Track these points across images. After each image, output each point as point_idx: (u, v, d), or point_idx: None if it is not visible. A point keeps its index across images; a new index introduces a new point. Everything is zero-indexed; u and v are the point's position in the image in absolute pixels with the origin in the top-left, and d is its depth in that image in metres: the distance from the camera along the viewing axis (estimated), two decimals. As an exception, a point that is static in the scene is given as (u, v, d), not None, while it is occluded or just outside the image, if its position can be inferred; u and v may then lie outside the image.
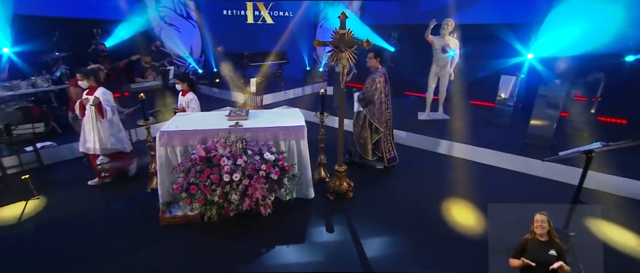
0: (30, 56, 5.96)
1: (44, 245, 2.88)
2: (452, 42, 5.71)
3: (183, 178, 2.94)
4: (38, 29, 6.17)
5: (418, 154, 5.08)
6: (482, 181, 4.13)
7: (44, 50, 6.09)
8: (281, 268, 2.63)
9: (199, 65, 9.03)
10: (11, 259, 2.69)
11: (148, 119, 3.41)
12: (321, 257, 2.75)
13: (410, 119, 6.15)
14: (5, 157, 4.05)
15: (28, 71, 5.70)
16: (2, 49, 5.74)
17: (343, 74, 3.27)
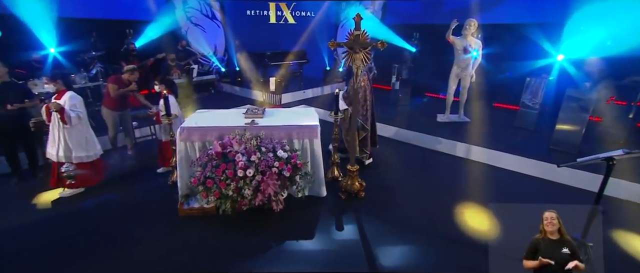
0: (71, 55, 6.45)
1: (75, 228, 3.12)
2: (474, 43, 5.56)
3: (200, 172, 3.09)
4: (78, 30, 6.65)
5: (435, 156, 4.99)
6: (499, 186, 4.01)
7: (83, 49, 6.56)
8: (289, 262, 2.70)
9: (222, 64, 9.34)
10: (47, 239, 2.95)
11: (171, 115, 3.60)
12: (329, 255, 2.80)
13: (428, 121, 6.06)
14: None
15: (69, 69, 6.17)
16: (49, 48, 6.25)
17: (356, 74, 3.29)
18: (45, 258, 2.70)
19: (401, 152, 5.20)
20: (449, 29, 5.58)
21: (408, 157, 4.98)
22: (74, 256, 2.71)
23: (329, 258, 2.76)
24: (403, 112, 6.73)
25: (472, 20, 5.48)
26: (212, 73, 8.83)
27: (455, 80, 5.92)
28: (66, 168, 3.55)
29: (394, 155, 5.03)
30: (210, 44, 9.11)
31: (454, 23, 5.54)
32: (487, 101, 6.87)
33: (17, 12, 5.69)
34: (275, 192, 3.12)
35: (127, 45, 6.98)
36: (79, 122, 3.51)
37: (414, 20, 8.67)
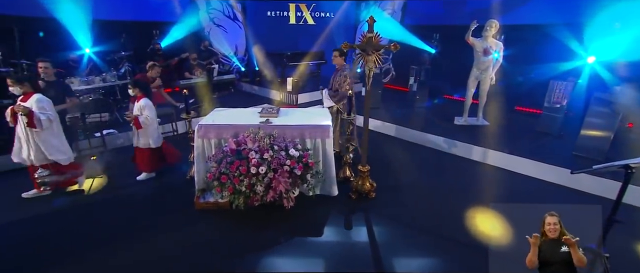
0: (103, 55, 6.88)
1: (102, 216, 3.37)
2: (495, 44, 5.41)
3: (215, 168, 3.24)
4: (110, 32, 7.07)
5: (449, 159, 4.92)
6: (515, 191, 3.91)
7: (113, 50, 6.98)
8: (297, 258, 2.78)
9: (242, 63, 9.59)
10: (77, 225, 3.21)
11: (190, 113, 3.79)
12: (336, 253, 2.85)
13: (445, 124, 5.96)
14: (80, 140, 4.75)
15: (101, 68, 6.60)
16: (84, 49, 6.71)
17: (369, 76, 3.32)
18: (71, 245, 2.93)
19: (415, 154, 5.16)
20: (468, 30, 5.46)
21: (422, 160, 4.94)
22: (98, 243, 2.93)
23: (336, 256, 2.81)
24: (419, 114, 6.66)
25: (493, 21, 5.34)
26: (232, 72, 9.09)
27: (475, 83, 5.79)
28: (40, 174, 3.42)
29: (407, 157, 5.01)
30: (231, 44, 9.37)
31: (473, 24, 5.43)
32: (508, 104, 6.66)
33: (57, 15, 6.14)
34: (286, 189, 3.21)
35: (153, 45, 7.34)
36: (49, 125, 3.33)
37: (434, 20, 8.54)
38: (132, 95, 3.93)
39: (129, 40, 7.29)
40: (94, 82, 5.96)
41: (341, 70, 4.33)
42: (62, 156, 3.53)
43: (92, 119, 4.65)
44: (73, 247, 2.88)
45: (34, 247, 2.86)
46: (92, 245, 2.90)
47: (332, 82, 4.44)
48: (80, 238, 3.00)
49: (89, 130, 4.73)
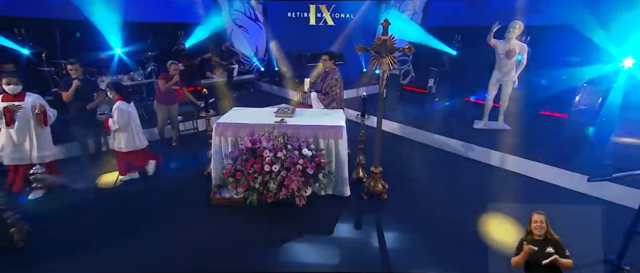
0: (132, 55, 7.26)
1: (125, 206, 3.59)
2: (518, 46, 5.24)
3: (231, 165, 3.37)
4: (139, 33, 7.45)
5: (466, 164, 4.84)
6: (533, 198, 3.79)
7: (141, 50, 7.35)
8: (305, 255, 2.86)
9: (262, 63, 9.80)
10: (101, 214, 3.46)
11: (209, 111, 3.96)
12: (345, 252, 2.90)
13: (464, 127, 5.84)
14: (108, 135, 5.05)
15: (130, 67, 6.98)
16: (115, 49, 7.12)
17: (383, 79, 3.34)
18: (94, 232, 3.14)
19: (431, 157, 5.11)
20: (490, 32, 5.33)
21: (437, 163, 4.89)
22: (121, 231, 3.14)
23: (344, 255, 2.86)
24: (437, 117, 6.56)
25: (516, 22, 5.17)
26: (252, 72, 9.31)
27: (496, 86, 5.63)
28: (35, 170, 3.45)
29: (422, 159, 4.97)
30: (252, 44, 9.59)
31: (495, 26, 5.29)
32: (532, 108, 6.43)
33: (92, 18, 6.56)
34: (298, 188, 3.29)
35: (178, 45, 7.66)
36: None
37: (456, 22, 8.36)
38: (110, 97, 3.95)
39: (155, 40, 7.65)
40: (123, 80, 6.30)
41: (332, 74, 4.35)
42: (51, 152, 3.74)
43: (120, 115, 4.93)
44: (96, 234, 3.09)
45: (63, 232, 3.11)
46: (114, 232, 3.11)
47: (321, 84, 4.44)
48: (104, 226, 3.23)
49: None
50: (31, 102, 3.47)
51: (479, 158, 4.93)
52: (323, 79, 4.45)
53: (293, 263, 2.77)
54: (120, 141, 3.93)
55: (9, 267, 2.64)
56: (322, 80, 4.47)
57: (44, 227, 3.10)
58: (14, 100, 3.38)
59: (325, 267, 2.75)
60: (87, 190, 3.92)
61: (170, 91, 5.00)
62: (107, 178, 4.18)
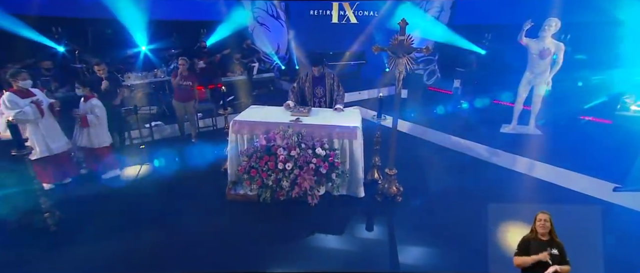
0: (156, 52, 7.74)
1: (146, 198, 3.89)
2: (553, 46, 5.07)
3: (246, 162, 3.56)
4: (163, 31, 7.92)
5: (489, 169, 4.78)
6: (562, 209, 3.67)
7: (165, 47, 7.81)
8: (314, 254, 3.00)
9: (283, 62, 10.04)
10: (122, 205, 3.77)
11: (227, 109, 4.19)
12: (354, 252, 3.01)
13: (490, 131, 5.74)
14: (133, 130, 5.46)
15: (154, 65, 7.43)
16: (141, 46, 7.61)
17: (399, 79, 3.41)
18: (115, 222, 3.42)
19: (451, 160, 5.08)
20: (521, 30, 5.21)
21: (457, 167, 4.85)
22: (141, 221, 3.43)
23: (353, 255, 2.97)
24: (462, 119, 6.48)
25: (552, 20, 5.01)
26: (273, 71, 9.56)
27: (527, 88, 5.49)
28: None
29: (441, 163, 4.95)
30: (273, 42, 9.85)
31: (527, 24, 5.16)
32: (571, 112, 6.19)
33: (120, 16, 7.07)
34: (311, 186, 3.43)
35: (199, 43, 8.06)
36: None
37: (486, 19, 8.18)
38: (80, 95, 4.09)
39: (178, 38, 8.09)
40: (147, 77, 6.75)
41: (327, 77, 4.39)
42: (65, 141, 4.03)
43: (143, 111, 5.32)
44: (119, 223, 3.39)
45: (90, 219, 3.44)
46: (135, 222, 3.41)
47: (311, 92, 4.42)
48: (126, 216, 3.53)
49: (140, 121, 5.42)
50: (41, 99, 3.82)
51: (503, 164, 4.85)
52: (311, 85, 4.42)
53: (302, 261, 2.90)
54: (90, 137, 4.14)
55: (43, 248, 2.98)
56: (311, 88, 4.43)
57: (73, 214, 3.44)
58: (28, 94, 3.65)
59: (335, 266, 2.86)
60: (112, 181, 4.27)
61: (184, 88, 5.30)
62: (131, 171, 4.53)
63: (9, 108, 3.46)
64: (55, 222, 3.21)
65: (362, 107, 7.15)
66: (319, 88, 4.46)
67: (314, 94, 4.47)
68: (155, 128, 5.65)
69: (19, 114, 3.47)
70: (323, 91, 4.47)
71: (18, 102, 3.52)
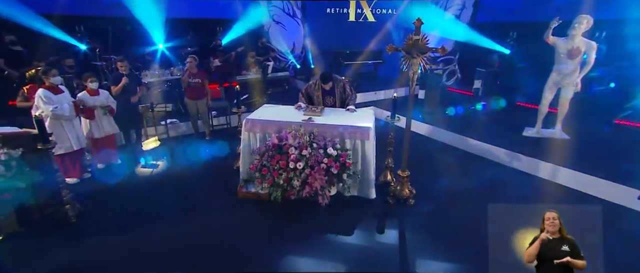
0: (173, 50, 8.04)
1: (160, 193, 4.10)
2: (584, 44, 4.91)
3: (258, 161, 3.69)
4: (180, 29, 8.22)
5: (509, 174, 4.72)
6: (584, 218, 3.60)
7: (182, 45, 8.10)
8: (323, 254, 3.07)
9: (299, 61, 10.17)
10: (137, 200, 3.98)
11: (240, 107, 4.34)
12: (364, 254, 3.07)
13: (512, 134, 5.65)
14: (149, 127, 5.71)
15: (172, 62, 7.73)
16: (158, 44, 7.93)
17: (413, 80, 3.45)
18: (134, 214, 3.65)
19: (468, 164, 5.05)
20: (548, 29, 5.09)
21: (474, 171, 4.81)
22: (155, 215, 3.61)
23: (363, 257, 3.03)
24: (482, 122, 6.41)
25: (583, 17, 4.83)
26: (288, 70, 9.71)
27: (553, 89, 5.35)
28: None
29: (457, 166, 4.93)
30: (289, 41, 10.00)
31: (554, 22, 5.02)
32: (603, 116, 6.01)
33: (138, 15, 7.40)
34: (321, 186, 3.52)
35: (215, 41, 8.30)
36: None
37: (511, 17, 8.04)
38: (95, 88, 4.38)
39: (194, 36, 8.37)
40: (163, 75, 7.02)
41: (337, 86, 4.46)
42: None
43: (159, 108, 5.56)
44: (133, 216, 3.59)
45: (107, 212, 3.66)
46: (149, 216, 3.59)
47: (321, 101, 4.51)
48: (140, 210, 3.73)
49: (156, 118, 5.67)
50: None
51: (525, 169, 4.77)
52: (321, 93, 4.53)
53: (312, 261, 2.99)
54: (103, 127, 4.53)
55: (64, 238, 3.20)
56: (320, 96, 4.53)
57: (91, 207, 3.67)
58: (57, 91, 3.94)
59: (344, 267, 2.93)
60: (129, 176, 4.51)
61: (194, 85, 5.52)
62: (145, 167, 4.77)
63: (46, 103, 3.75)
64: (75, 214, 3.44)
65: (377, 108, 7.19)
66: (330, 97, 4.57)
67: (324, 102, 4.57)
68: (170, 125, 5.89)
69: (56, 109, 3.78)
70: (333, 100, 4.57)
71: (51, 97, 3.82)
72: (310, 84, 4.63)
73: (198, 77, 5.54)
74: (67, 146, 3.99)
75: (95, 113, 4.38)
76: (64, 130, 3.97)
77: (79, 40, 6.92)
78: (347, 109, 4.36)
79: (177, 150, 5.29)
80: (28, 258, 2.91)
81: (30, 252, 2.99)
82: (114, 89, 4.78)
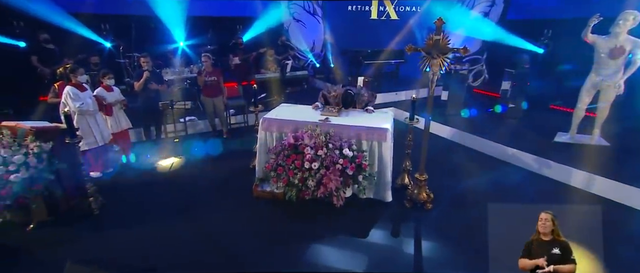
0: (193, 48, 8.39)
1: (177, 190, 4.32)
2: (630, 43, 4.67)
3: (273, 160, 3.83)
4: (200, 27, 8.56)
5: (537, 182, 4.63)
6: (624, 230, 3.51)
7: (202, 44, 8.43)
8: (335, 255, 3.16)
9: (318, 60, 10.30)
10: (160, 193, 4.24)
11: (257, 106, 4.51)
12: (376, 257, 3.13)
13: (542, 139, 5.54)
14: (168, 124, 6.01)
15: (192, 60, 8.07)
16: (179, 42, 8.30)
17: (433, 81, 3.47)
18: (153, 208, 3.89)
19: (492, 169, 4.99)
20: (587, 26, 4.93)
21: (498, 177, 4.76)
22: (172, 210, 3.84)
23: (376, 260, 3.09)
24: (509, 125, 6.29)
25: (631, 13, 4.57)
26: (307, 68, 9.86)
27: (591, 92, 5.16)
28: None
29: (480, 171, 4.89)
30: (308, 39, 10.15)
31: (594, 19, 4.83)
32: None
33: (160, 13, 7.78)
34: (336, 187, 3.61)
35: (236, 39, 8.57)
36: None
37: (545, 14, 7.80)
38: (111, 85, 4.71)
39: (214, 35, 8.69)
40: (183, 72, 7.35)
41: (358, 100, 4.54)
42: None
43: (178, 106, 5.85)
44: (152, 211, 3.83)
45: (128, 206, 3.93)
46: (166, 211, 3.82)
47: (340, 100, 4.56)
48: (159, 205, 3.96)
49: (175, 116, 5.97)
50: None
51: (555, 176, 4.67)
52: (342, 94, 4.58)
53: (324, 262, 3.08)
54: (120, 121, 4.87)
55: (87, 229, 3.47)
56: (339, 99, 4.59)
57: (113, 200, 3.94)
58: (82, 89, 4.23)
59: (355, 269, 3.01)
60: (148, 171, 4.79)
61: (210, 83, 5.77)
62: (165, 162, 5.04)
63: (73, 100, 4.06)
64: (98, 207, 3.71)
65: (397, 109, 7.20)
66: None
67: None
68: (189, 123, 6.17)
69: (82, 105, 4.09)
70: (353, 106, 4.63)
71: (79, 94, 4.14)
72: (330, 91, 4.72)
73: (214, 75, 5.79)
74: (90, 141, 4.29)
75: (113, 109, 4.70)
76: (89, 126, 4.28)
77: (104, 38, 7.37)
78: (365, 109, 4.44)
79: (194, 148, 5.54)
80: (55, 247, 3.19)
81: (57, 241, 3.27)
82: (137, 85, 5.09)
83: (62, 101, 4.11)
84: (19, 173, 3.19)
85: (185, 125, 6.00)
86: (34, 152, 3.29)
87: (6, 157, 3.21)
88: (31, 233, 3.37)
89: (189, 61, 8.05)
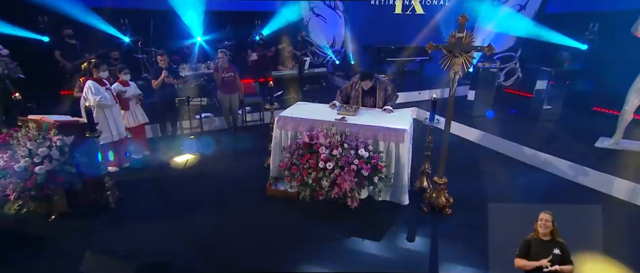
0: (211, 43, 8.75)
1: (191, 186, 4.60)
2: None
3: (288, 159, 4.01)
4: (218, 22, 8.91)
5: (572, 190, 4.59)
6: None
7: (220, 39, 8.77)
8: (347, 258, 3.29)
9: (338, 57, 10.42)
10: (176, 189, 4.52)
11: (273, 104, 4.71)
12: (390, 262, 3.24)
13: (581, 144, 5.46)
14: (184, 120, 6.33)
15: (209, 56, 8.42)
16: (196, 37, 8.67)
17: (454, 81, 3.53)
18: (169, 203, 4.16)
19: (521, 175, 4.97)
20: (637, 21, 4.81)
21: (528, 184, 4.75)
22: (187, 206, 4.10)
23: (390, 264, 3.20)
24: (545, 129, 6.20)
25: None
26: (326, 66, 9.99)
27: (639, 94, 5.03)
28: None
29: (508, 177, 4.89)
30: (328, 35, 10.28)
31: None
32: None
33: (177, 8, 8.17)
34: (351, 188, 3.74)
35: (254, 35, 8.86)
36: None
37: (589, 6, 7.59)
38: (127, 80, 5.04)
39: (232, 30, 9.01)
40: (200, 68, 7.69)
41: (379, 88, 4.63)
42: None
43: (194, 102, 6.16)
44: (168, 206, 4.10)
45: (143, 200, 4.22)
46: (182, 206, 4.08)
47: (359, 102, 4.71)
48: (174, 200, 4.23)
49: (191, 112, 6.29)
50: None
51: (592, 185, 4.59)
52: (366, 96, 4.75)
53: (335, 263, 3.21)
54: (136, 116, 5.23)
55: (105, 222, 3.78)
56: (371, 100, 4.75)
57: (129, 195, 4.25)
58: (102, 84, 4.56)
59: (367, 272, 3.13)
60: (164, 167, 5.11)
61: (227, 80, 6.04)
62: (180, 159, 5.34)
63: (93, 94, 4.40)
64: (115, 200, 4.02)
65: (420, 109, 7.23)
66: (369, 98, 4.76)
67: (363, 103, 4.76)
68: (204, 119, 6.47)
69: (102, 99, 4.44)
70: (374, 101, 4.74)
71: (99, 88, 4.48)
72: (351, 83, 4.84)
73: (231, 71, 6.06)
74: (107, 136, 4.62)
75: (129, 103, 5.04)
76: (107, 121, 4.62)
77: (123, 33, 7.83)
78: (384, 109, 4.54)
79: (210, 144, 5.82)
80: (74, 238, 3.50)
81: (76, 232, 3.59)
82: (155, 83, 5.43)
83: (83, 95, 4.46)
84: (43, 165, 3.52)
85: (201, 122, 6.30)
86: (57, 145, 3.63)
87: (32, 149, 3.55)
88: (53, 224, 3.71)
89: (207, 57, 8.40)
